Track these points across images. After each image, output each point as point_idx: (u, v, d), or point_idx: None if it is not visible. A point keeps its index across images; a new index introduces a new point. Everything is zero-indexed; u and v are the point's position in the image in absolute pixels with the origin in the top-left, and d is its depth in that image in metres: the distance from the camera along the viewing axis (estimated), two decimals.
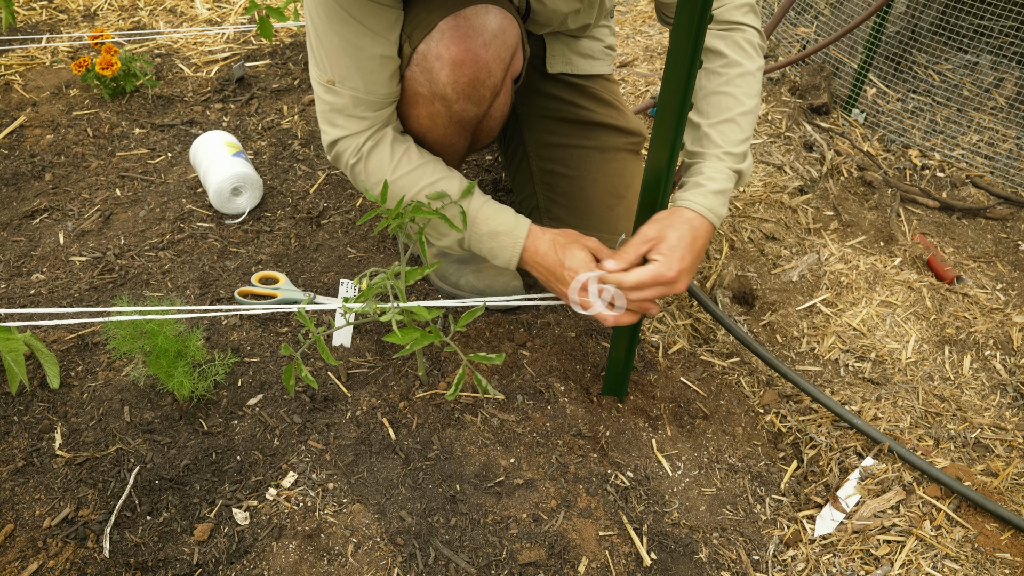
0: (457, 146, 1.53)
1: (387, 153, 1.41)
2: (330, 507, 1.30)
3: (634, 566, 1.27)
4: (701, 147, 1.34)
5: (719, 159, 1.33)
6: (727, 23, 1.39)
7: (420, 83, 1.38)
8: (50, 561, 1.20)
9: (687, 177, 1.35)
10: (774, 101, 2.50)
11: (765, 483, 1.45)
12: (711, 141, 1.34)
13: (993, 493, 1.36)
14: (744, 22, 1.40)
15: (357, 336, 1.60)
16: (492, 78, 1.37)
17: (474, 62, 1.33)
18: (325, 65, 1.35)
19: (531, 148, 1.74)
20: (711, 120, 1.35)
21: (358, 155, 1.41)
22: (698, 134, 1.35)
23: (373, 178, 1.42)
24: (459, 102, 1.38)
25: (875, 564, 1.28)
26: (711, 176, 1.31)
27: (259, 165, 2.09)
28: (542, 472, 1.38)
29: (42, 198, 1.94)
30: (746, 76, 1.37)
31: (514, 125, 1.78)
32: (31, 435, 1.37)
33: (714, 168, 1.32)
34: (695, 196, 1.29)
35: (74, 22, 2.75)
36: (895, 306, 1.85)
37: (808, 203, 2.15)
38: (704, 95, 1.37)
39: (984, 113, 2.53)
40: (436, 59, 1.33)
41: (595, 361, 1.60)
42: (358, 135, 1.40)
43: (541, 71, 1.72)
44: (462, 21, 1.32)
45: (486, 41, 1.33)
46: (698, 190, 1.30)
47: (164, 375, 1.37)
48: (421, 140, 1.48)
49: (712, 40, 1.37)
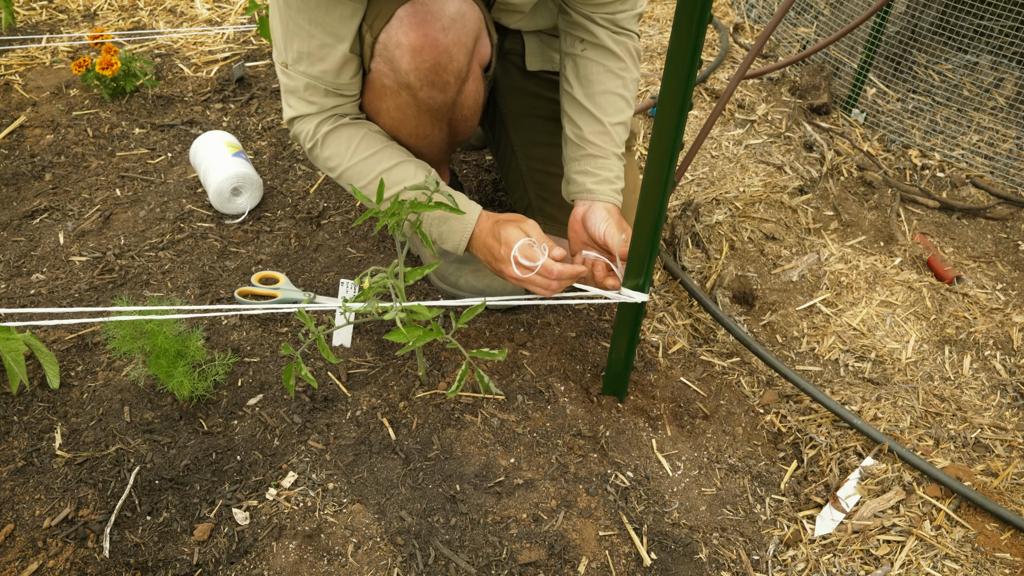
0: (434, 137, 1.53)
1: (344, 138, 1.45)
2: (330, 507, 1.30)
3: (634, 566, 1.27)
4: (604, 143, 1.50)
5: (619, 159, 1.51)
6: (623, 29, 1.52)
7: (384, 74, 1.39)
8: (50, 561, 1.20)
9: (589, 167, 1.49)
10: (774, 101, 2.50)
11: (765, 483, 1.45)
12: (612, 140, 1.51)
13: (993, 493, 1.36)
14: (635, 31, 1.55)
15: (357, 336, 1.60)
16: (454, 63, 1.38)
17: (433, 47, 1.34)
18: (280, 47, 1.39)
19: (519, 148, 1.74)
20: (612, 119, 1.51)
21: (314, 140, 1.45)
22: (601, 128, 1.50)
23: (331, 162, 1.46)
24: (423, 89, 1.39)
25: (875, 564, 1.28)
26: (619, 175, 1.51)
27: (259, 165, 2.09)
28: (542, 472, 1.38)
29: (42, 198, 1.94)
30: (632, 83, 1.55)
31: (501, 125, 1.79)
32: (31, 435, 1.37)
33: (618, 165, 1.51)
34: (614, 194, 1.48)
35: (74, 22, 2.75)
36: (895, 306, 1.85)
37: (808, 203, 2.15)
38: (602, 91, 1.50)
39: (984, 113, 2.53)
40: (396, 47, 1.34)
41: (595, 361, 1.60)
42: (311, 117, 1.44)
43: (522, 69, 1.72)
44: (419, 7, 1.32)
45: (444, 25, 1.33)
46: (611, 187, 1.49)
47: (164, 375, 1.37)
48: (396, 135, 1.50)
49: (609, 42, 1.50)
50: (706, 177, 2.20)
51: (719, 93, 2.54)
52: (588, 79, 1.51)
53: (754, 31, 2.92)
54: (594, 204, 1.47)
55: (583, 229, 1.48)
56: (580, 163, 1.51)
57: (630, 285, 1.32)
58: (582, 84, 1.52)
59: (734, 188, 2.14)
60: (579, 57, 1.53)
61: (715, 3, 3.08)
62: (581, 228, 1.49)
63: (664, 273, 1.87)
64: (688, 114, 1.16)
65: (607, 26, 1.51)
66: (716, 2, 3.09)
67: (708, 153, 2.29)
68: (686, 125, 2.06)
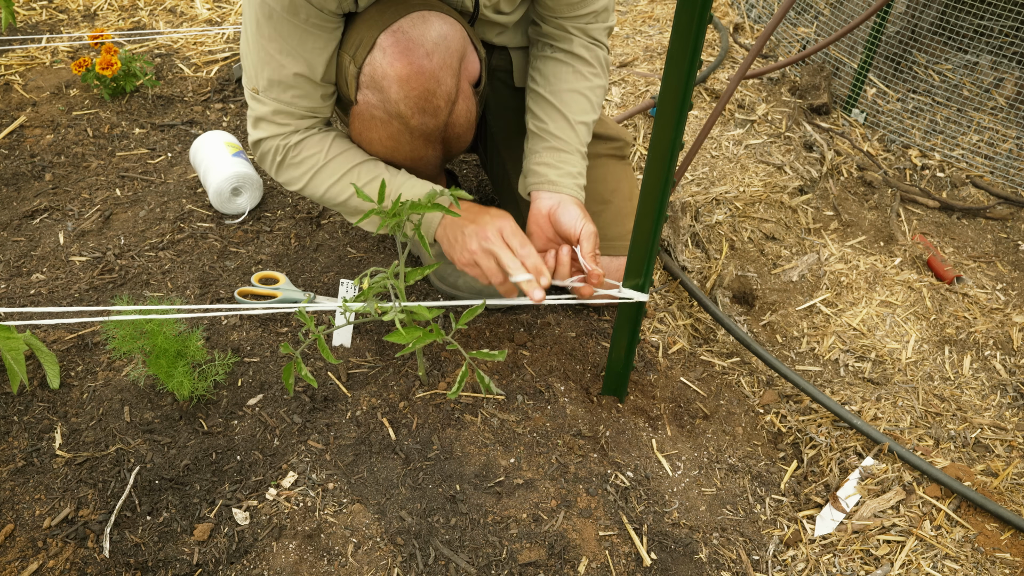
0: (429, 157, 1.53)
1: (316, 140, 1.44)
2: (330, 507, 1.30)
3: (634, 566, 1.27)
4: (567, 138, 1.50)
5: (582, 157, 1.51)
6: (594, 40, 1.55)
7: (373, 105, 1.38)
8: (50, 561, 1.20)
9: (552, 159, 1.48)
10: (774, 101, 2.50)
11: (765, 483, 1.45)
12: (577, 137, 1.50)
13: (993, 493, 1.36)
14: (605, 43, 1.58)
15: (357, 336, 1.60)
16: (443, 87, 1.36)
17: (420, 74, 1.32)
18: (251, 74, 1.39)
19: (510, 166, 1.72)
20: (577, 117, 1.51)
21: (284, 152, 1.44)
22: (565, 124, 1.50)
23: (303, 167, 1.45)
24: (415, 117, 1.38)
25: (875, 564, 1.28)
26: (580, 171, 1.50)
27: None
28: (542, 472, 1.38)
29: (42, 198, 1.94)
30: (600, 89, 1.56)
31: (492, 146, 1.77)
32: (31, 435, 1.37)
33: (581, 164, 1.51)
34: (578, 190, 1.48)
35: (74, 22, 2.75)
36: (895, 306, 1.85)
37: (808, 203, 2.15)
38: (567, 88, 1.51)
39: (984, 113, 2.53)
40: (383, 78, 1.33)
41: (595, 361, 1.60)
42: (279, 137, 1.44)
43: (511, 86, 1.70)
44: (401, 36, 1.30)
45: (428, 51, 1.31)
46: (574, 181, 1.48)
47: (164, 375, 1.37)
48: (391, 160, 1.49)
49: (581, 49, 1.53)
50: (706, 177, 2.20)
51: (719, 93, 2.54)
52: (556, 76, 1.51)
53: (754, 31, 2.92)
54: (564, 199, 1.44)
55: (549, 225, 1.44)
56: (542, 155, 1.49)
57: (630, 285, 1.32)
58: (548, 81, 1.52)
59: (734, 188, 2.14)
60: (548, 58, 1.54)
61: (715, 3, 3.08)
62: (547, 224, 1.44)
63: (664, 273, 1.87)
64: (688, 114, 1.16)
65: (579, 36, 1.52)
66: (716, 2, 3.09)
67: (708, 153, 2.29)
68: (686, 125, 2.06)
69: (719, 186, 2.15)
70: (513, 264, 1.33)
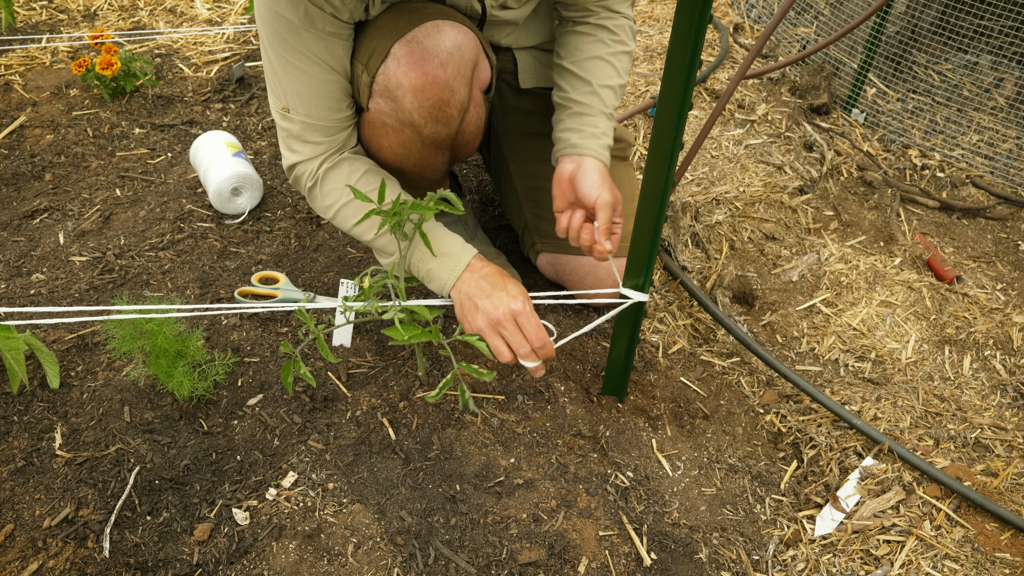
0: (437, 164, 1.52)
1: (344, 172, 1.42)
2: (330, 507, 1.30)
3: (634, 566, 1.27)
4: (590, 102, 1.48)
5: (608, 118, 1.49)
6: (613, 11, 1.54)
7: (386, 114, 1.37)
8: (50, 561, 1.20)
9: (575, 124, 1.46)
10: (774, 101, 2.50)
11: (765, 483, 1.45)
12: (601, 100, 1.48)
13: (993, 493, 1.36)
14: (627, 13, 1.56)
15: (357, 336, 1.60)
16: (456, 96, 1.36)
17: (435, 84, 1.32)
18: (279, 92, 1.38)
19: (513, 167, 1.72)
20: (600, 82, 1.49)
21: (314, 179, 1.43)
22: (589, 89, 1.48)
23: (329, 199, 1.43)
24: (428, 126, 1.37)
25: (875, 564, 1.28)
26: (605, 131, 1.47)
27: (259, 165, 2.09)
28: (542, 472, 1.38)
29: (42, 198, 1.94)
30: (623, 55, 1.54)
31: (496, 147, 1.77)
32: (31, 435, 1.37)
33: (607, 124, 1.48)
34: (602, 150, 1.45)
35: (74, 22, 2.75)
36: (895, 306, 1.85)
37: (808, 203, 2.15)
38: (587, 58, 1.50)
39: (984, 113, 2.53)
40: (397, 88, 1.32)
41: (595, 361, 1.60)
42: (313, 160, 1.42)
43: (515, 87, 1.69)
44: (415, 45, 1.30)
45: (443, 61, 1.31)
46: (599, 143, 1.45)
47: (164, 375, 1.37)
48: (398, 168, 1.49)
49: (603, 21, 1.52)
50: (706, 177, 2.20)
51: (719, 93, 2.54)
52: (577, 48, 1.51)
53: (754, 31, 2.92)
54: (583, 161, 1.42)
55: (570, 189, 1.43)
56: (566, 122, 1.48)
57: (630, 285, 1.32)
58: (570, 53, 1.51)
59: (734, 188, 2.14)
60: (570, 32, 1.53)
61: (715, 3, 3.08)
62: (568, 187, 1.43)
63: (664, 273, 1.87)
64: (688, 114, 1.16)
65: (601, 10, 1.52)
66: (716, 2, 3.09)
67: (708, 153, 2.29)
68: (686, 125, 2.06)
69: (719, 186, 2.15)
70: (523, 349, 1.32)
